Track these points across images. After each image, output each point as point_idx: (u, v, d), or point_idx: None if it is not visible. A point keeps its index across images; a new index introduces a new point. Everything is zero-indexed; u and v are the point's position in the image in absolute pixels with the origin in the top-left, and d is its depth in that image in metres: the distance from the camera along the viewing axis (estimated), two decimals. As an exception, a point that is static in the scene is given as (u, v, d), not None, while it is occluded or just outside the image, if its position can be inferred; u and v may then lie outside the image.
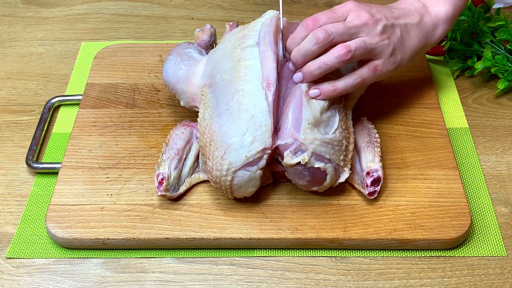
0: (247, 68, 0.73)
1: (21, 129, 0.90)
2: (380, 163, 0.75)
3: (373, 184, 0.74)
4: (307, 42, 0.72)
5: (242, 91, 0.72)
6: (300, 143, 0.69)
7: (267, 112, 0.70)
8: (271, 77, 0.72)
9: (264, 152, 0.69)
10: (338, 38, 0.72)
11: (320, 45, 0.71)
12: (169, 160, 0.75)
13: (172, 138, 0.78)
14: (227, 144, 0.70)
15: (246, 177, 0.70)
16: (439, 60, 1.00)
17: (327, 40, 0.71)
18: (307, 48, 0.72)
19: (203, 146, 0.73)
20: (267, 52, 0.74)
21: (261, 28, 0.76)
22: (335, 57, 0.71)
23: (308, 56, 0.72)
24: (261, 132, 0.69)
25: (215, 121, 0.72)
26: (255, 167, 0.70)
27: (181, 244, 0.73)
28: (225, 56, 0.76)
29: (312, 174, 0.71)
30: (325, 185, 0.73)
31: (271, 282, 0.71)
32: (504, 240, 0.75)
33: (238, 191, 0.73)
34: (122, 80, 0.94)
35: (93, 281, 0.71)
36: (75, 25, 1.10)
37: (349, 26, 0.72)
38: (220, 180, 0.71)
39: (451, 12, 0.81)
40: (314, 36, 0.71)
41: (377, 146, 0.77)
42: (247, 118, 0.70)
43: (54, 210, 0.75)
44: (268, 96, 0.71)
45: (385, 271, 0.72)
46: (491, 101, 0.94)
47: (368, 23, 0.73)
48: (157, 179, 0.74)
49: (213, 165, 0.71)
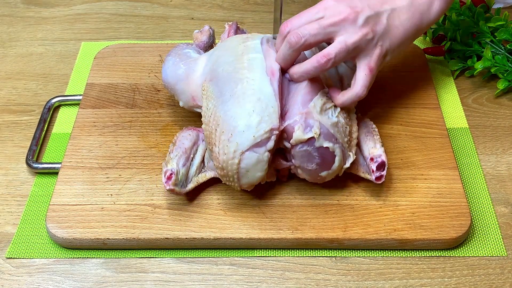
0: (251, 60, 0.74)
1: (21, 129, 0.90)
2: (382, 148, 0.75)
3: (379, 169, 0.73)
4: (283, 47, 0.72)
5: (246, 78, 0.72)
6: (308, 118, 0.69)
7: (273, 95, 0.70)
8: (275, 67, 0.73)
9: (271, 133, 0.69)
10: (312, 39, 0.70)
11: (294, 49, 0.70)
12: (177, 158, 0.75)
13: (179, 139, 0.78)
14: (233, 127, 0.69)
15: (254, 159, 0.69)
16: (439, 60, 1.00)
17: (300, 43, 0.70)
18: (285, 53, 0.72)
19: (208, 135, 0.73)
20: (269, 50, 0.76)
21: (264, 36, 0.79)
22: (314, 67, 0.70)
23: (288, 61, 0.72)
24: (268, 113, 0.69)
25: (220, 108, 0.72)
26: (263, 148, 0.69)
27: (181, 244, 0.73)
28: (227, 52, 0.77)
29: (321, 155, 0.71)
30: (333, 169, 0.72)
31: (271, 282, 0.71)
32: (504, 240, 0.75)
33: (246, 177, 0.71)
34: (122, 80, 0.94)
35: (93, 281, 0.71)
36: (75, 25, 1.10)
37: (325, 25, 0.70)
38: (227, 164, 0.70)
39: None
40: (287, 41, 0.71)
41: (376, 134, 0.77)
42: (254, 100, 0.70)
43: (54, 210, 0.75)
44: (273, 82, 0.71)
45: (385, 271, 0.72)
46: (491, 101, 0.94)
47: (347, 18, 0.70)
48: (165, 175, 0.72)
49: (220, 149, 0.70)
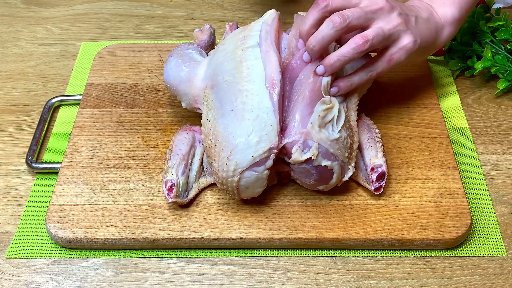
0: (250, 69, 0.72)
1: (21, 129, 0.90)
2: (383, 158, 0.75)
3: (378, 179, 0.74)
4: (324, 27, 0.71)
5: (245, 91, 0.71)
6: (307, 139, 0.69)
7: (272, 111, 0.69)
8: (275, 77, 0.71)
9: (270, 152, 0.69)
10: (355, 22, 0.71)
11: (337, 29, 0.71)
12: (175, 166, 0.75)
13: (175, 144, 0.77)
14: (233, 145, 0.69)
15: (253, 178, 0.70)
16: (439, 60, 1.00)
17: (344, 24, 0.71)
18: (325, 33, 0.71)
19: (208, 148, 0.73)
20: (269, 52, 0.73)
21: (262, 27, 0.76)
22: (352, 48, 0.71)
23: (326, 42, 0.72)
24: (267, 131, 0.69)
25: (220, 122, 0.71)
26: (262, 167, 0.70)
27: (181, 244, 0.73)
28: (227, 57, 0.75)
29: (319, 172, 0.71)
30: (331, 184, 0.73)
31: (271, 282, 0.71)
32: (504, 240, 0.75)
33: (245, 192, 0.72)
34: (122, 80, 0.94)
35: (93, 281, 0.71)
36: (75, 25, 1.10)
37: (366, 10, 0.72)
38: (227, 181, 0.71)
39: (458, 14, 0.81)
40: (331, 20, 0.71)
41: (378, 141, 0.77)
42: (252, 118, 0.69)
43: (54, 210, 0.75)
44: (273, 96, 0.70)
45: (385, 271, 0.72)
46: (491, 101, 0.94)
47: (384, 7, 0.73)
48: (166, 186, 0.73)
49: (219, 166, 0.70)
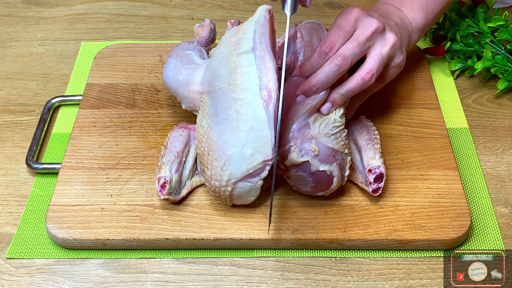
0: (244, 76, 0.70)
1: (21, 129, 0.90)
2: (381, 159, 0.75)
3: (376, 181, 0.74)
4: (327, 69, 0.72)
5: (240, 100, 0.69)
6: (304, 141, 0.69)
7: (266, 123, 0.68)
8: (272, 87, 0.68)
9: (265, 164, 0.69)
10: (356, 58, 0.73)
11: (340, 72, 0.72)
12: (169, 163, 0.75)
13: (170, 141, 0.77)
14: (227, 156, 0.69)
15: (247, 188, 0.70)
16: (439, 60, 1.00)
17: (347, 65, 0.72)
18: (328, 76, 0.72)
19: (201, 155, 0.73)
20: (264, 57, 0.70)
21: (255, 29, 0.72)
22: (359, 84, 0.73)
23: (331, 81, 0.73)
24: (261, 143, 0.68)
25: (214, 130, 0.71)
26: (257, 178, 0.70)
27: (181, 244, 0.73)
28: (222, 63, 0.73)
29: (315, 180, 0.71)
30: (332, 189, 0.73)
31: (271, 283, 0.71)
32: (504, 240, 0.75)
33: (238, 200, 0.73)
34: (122, 80, 0.94)
35: (93, 282, 0.71)
36: (75, 25, 1.10)
37: (362, 41, 0.73)
38: (220, 190, 0.71)
39: (425, 21, 0.83)
40: (334, 64, 0.72)
41: (377, 143, 0.77)
42: (247, 129, 0.68)
43: (54, 210, 0.75)
44: (268, 106, 0.68)
45: (385, 272, 0.72)
46: (491, 101, 0.94)
47: (378, 28, 0.74)
48: (159, 183, 0.73)
49: (212, 175, 0.70)
